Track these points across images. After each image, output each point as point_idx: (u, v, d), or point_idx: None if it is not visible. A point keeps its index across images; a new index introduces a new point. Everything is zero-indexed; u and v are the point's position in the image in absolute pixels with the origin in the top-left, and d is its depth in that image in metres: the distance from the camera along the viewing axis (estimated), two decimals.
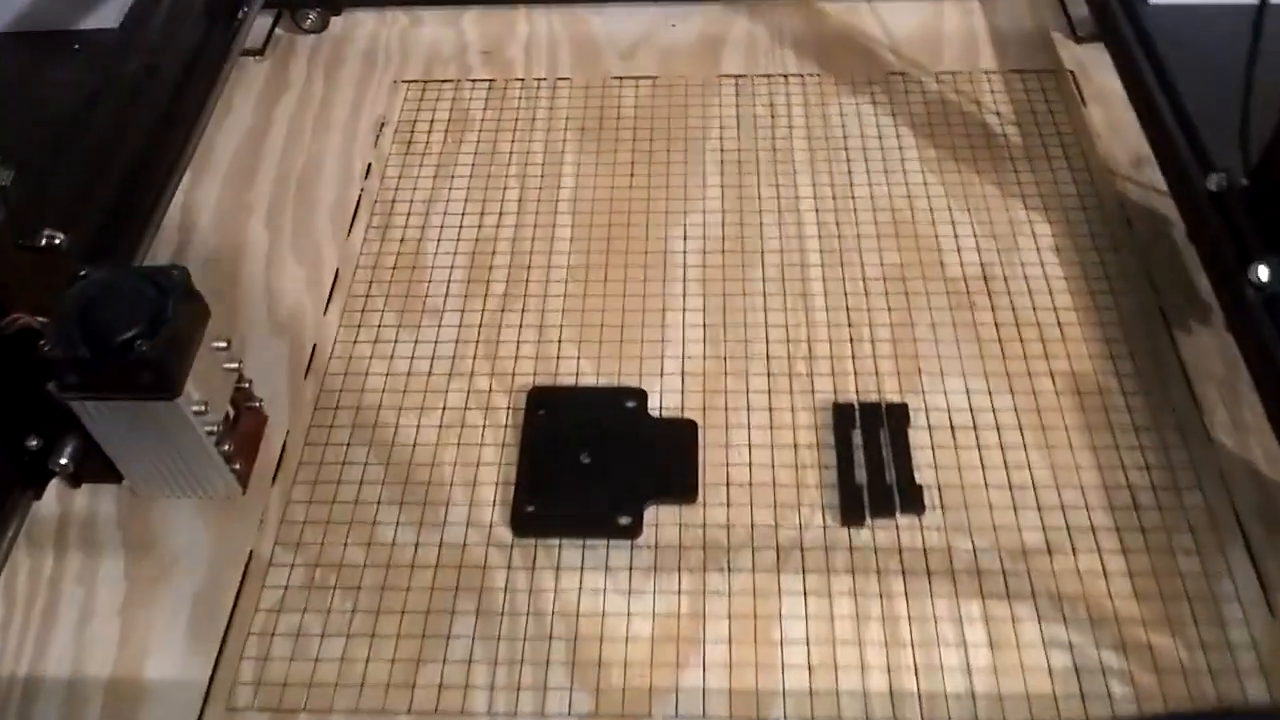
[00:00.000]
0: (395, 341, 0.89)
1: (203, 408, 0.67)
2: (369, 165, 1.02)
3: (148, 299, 0.65)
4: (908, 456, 0.79)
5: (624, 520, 0.76)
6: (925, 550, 0.75)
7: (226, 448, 0.70)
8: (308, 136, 1.05)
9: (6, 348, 0.69)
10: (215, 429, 0.69)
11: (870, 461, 0.79)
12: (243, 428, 0.74)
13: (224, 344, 0.69)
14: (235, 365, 0.71)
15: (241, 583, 0.75)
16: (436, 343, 0.88)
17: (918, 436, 0.80)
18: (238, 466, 0.72)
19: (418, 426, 0.83)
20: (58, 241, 0.75)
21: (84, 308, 0.66)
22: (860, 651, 0.70)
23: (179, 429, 0.67)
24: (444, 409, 0.84)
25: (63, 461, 0.70)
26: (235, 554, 0.76)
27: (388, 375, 0.87)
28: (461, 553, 0.76)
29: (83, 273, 0.68)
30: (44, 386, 0.67)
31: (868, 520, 0.76)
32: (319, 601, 0.74)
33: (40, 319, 0.67)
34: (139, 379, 0.64)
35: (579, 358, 0.87)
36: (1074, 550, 0.74)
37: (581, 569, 0.75)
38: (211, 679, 0.71)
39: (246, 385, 0.75)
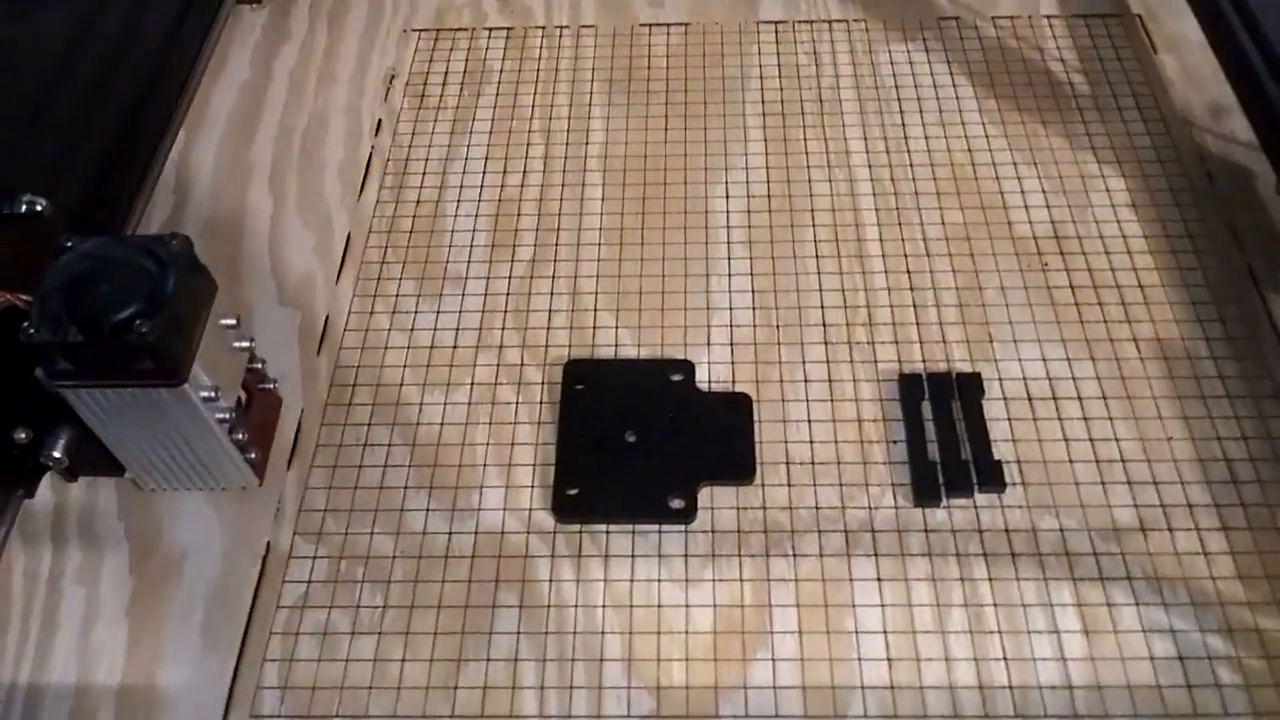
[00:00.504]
0: (415, 311, 0.82)
1: (213, 393, 0.59)
2: (379, 121, 0.95)
3: (145, 272, 0.58)
4: (984, 429, 0.72)
5: (676, 503, 0.70)
6: (1008, 531, 0.69)
7: (240, 436, 0.63)
8: (311, 91, 0.97)
9: None
10: (228, 416, 0.61)
11: (943, 436, 0.72)
12: (256, 412, 0.67)
13: (233, 321, 0.62)
14: (247, 345, 0.64)
15: (260, 577, 0.68)
16: (461, 312, 0.81)
17: (993, 408, 0.74)
18: (253, 456, 0.65)
19: (444, 404, 0.76)
20: (39, 208, 0.67)
21: (72, 284, 0.58)
22: (944, 642, 0.64)
23: (187, 418, 0.60)
24: (472, 384, 0.77)
25: (56, 455, 0.62)
26: (251, 546, 0.70)
27: (409, 348, 0.80)
28: (500, 541, 0.70)
29: (68, 243, 0.60)
30: (31, 373, 0.59)
31: (943, 500, 0.70)
32: (346, 596, 0.68)
33: (24, 297, 0.59)
34: (139, 364, 0.56)
35: (617, 327, 0.80)
36: (1170, 529, 0.68)
37: (632, 557, 0.69)
38: (233, 684, 0.64)
39: (259, 366, 0.68)
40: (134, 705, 0.64)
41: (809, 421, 0.74)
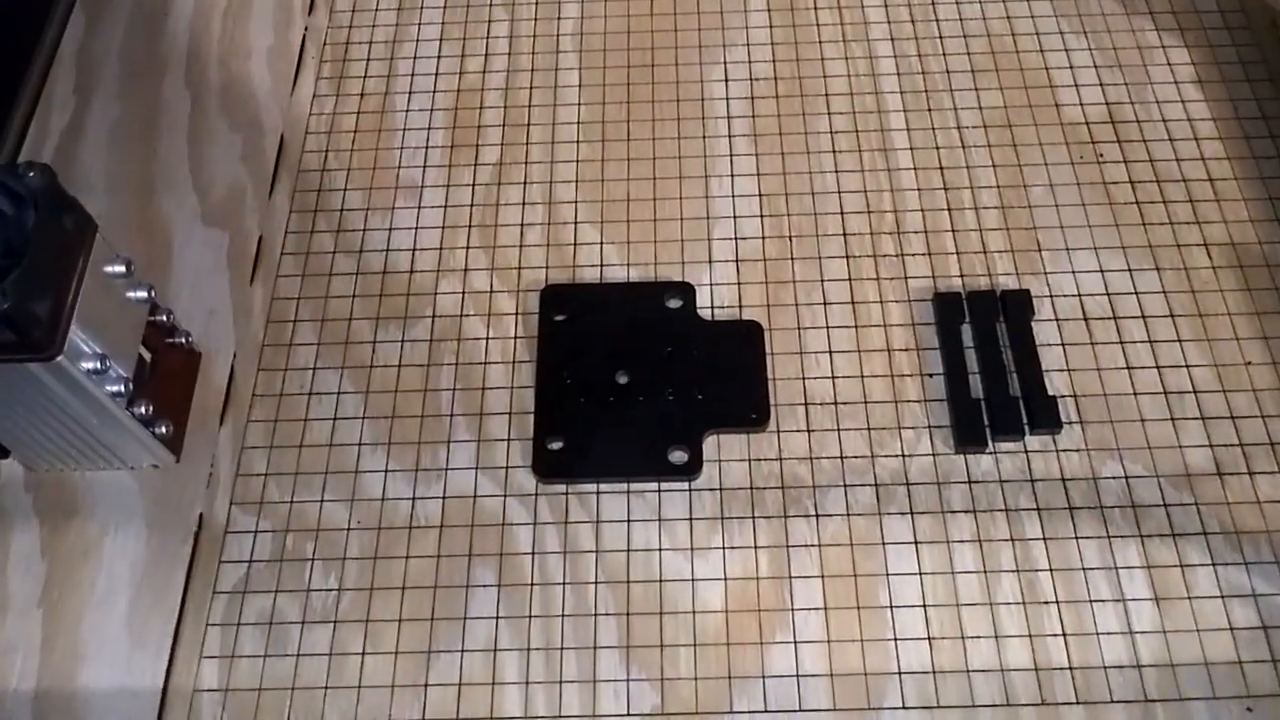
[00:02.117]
0: (364, 229, 0.70)
1: (99, 363, 0.48)
2: None
3: None
4: (1035, 358, 0.62)
5: (677, 456, 0.60)
6: (1064, 480, 0.59)
7: (143, 410, 0.52)
8: None
9: None
10: (123, 387, 0.50)
11: (987, 367, 0.62)
12: (165, 374, 0.55)
13: (122, 268, 0.50)
14: (144, 295, 0.52)
15: (192, 558, 0.59)
16: (417, 229, 0.70)
17: (1044, 331, 0.63)
18: (163, 429, 0.54)
19: (402, 341, 0.65)
20: None
21: None
22: (992, 616, 0.56)
23: (70, 395, 0.48)
24: (434, 317, 0.66)
25: None
26: (181, 520, 0.59)
27: (358, 275, 0.68)
28: (472, 506, 0.60)
29: None
30: None
31: (989, 444, 0.60)
32: (294, 578, 0.58)
33: None
34: None
35: (602, 243, 0.68)
36: (1251, 472, 0.59)
37: (628, 522, 0.59)
38: (165, 686, 0.55)
39: (164, 318, 0.56)
40: (53, 713, 0.55)
41: (830, 353, 0.64)
